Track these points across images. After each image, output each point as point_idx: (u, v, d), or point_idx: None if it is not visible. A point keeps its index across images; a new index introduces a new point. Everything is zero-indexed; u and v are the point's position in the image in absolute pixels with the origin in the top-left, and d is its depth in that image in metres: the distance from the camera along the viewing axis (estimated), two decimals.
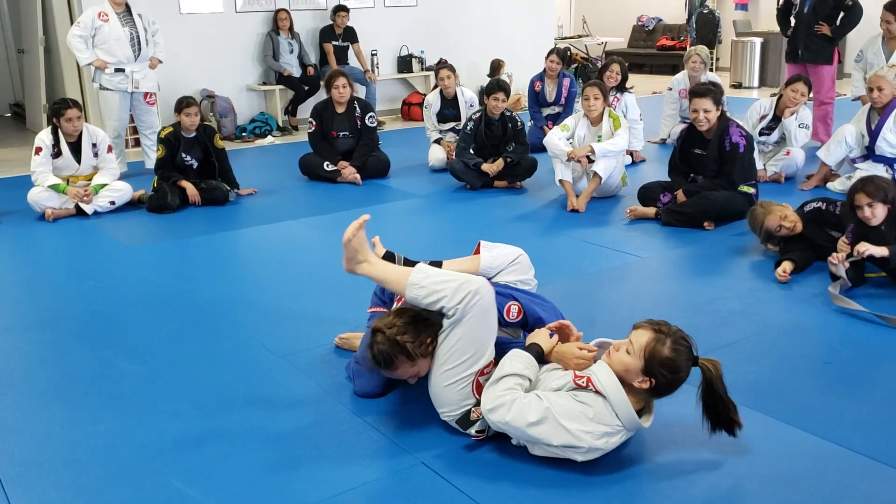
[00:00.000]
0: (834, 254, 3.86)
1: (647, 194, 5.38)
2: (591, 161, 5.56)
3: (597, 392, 2.40)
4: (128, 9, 6.72)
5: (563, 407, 2.39)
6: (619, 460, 2.50)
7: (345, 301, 3.76)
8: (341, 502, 2.36)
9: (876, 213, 3.78)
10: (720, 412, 2.40)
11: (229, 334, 3.60)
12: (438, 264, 3.02)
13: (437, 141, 7.11)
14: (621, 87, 7.05)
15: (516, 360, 2.54)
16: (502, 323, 2.75)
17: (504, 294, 2.77)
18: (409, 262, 3.02)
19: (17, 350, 3.51)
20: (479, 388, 2.57)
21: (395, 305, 2.96)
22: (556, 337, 2.67)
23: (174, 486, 2.44)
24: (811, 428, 2.69)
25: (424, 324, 2.60)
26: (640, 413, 2.46)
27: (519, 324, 2.83)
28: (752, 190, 5.13)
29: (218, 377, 3.17)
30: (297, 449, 2.64)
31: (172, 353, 3.42)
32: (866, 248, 3.71)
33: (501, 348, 2.69)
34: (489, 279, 2.95)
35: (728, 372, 3.07)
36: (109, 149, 5.93)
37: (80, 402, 2.99)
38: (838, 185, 5.79)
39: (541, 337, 2.66)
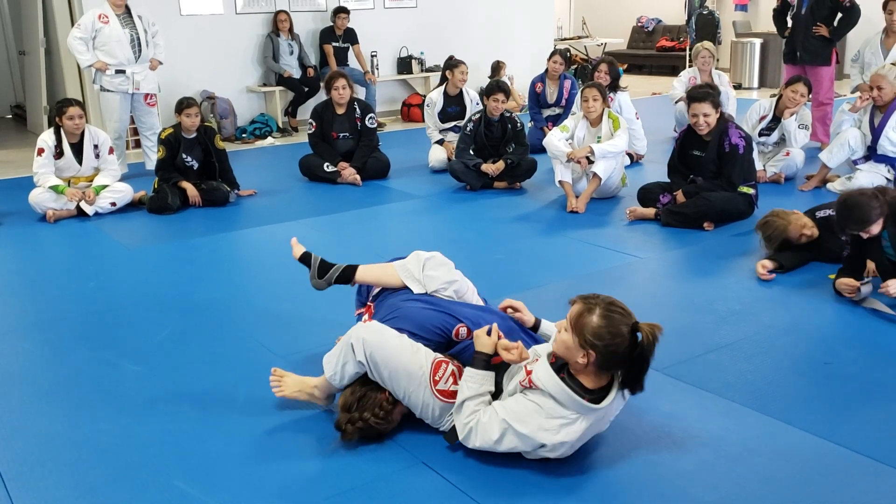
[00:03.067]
0: (846, 286, 3.78)
1: (647, 195, 5.39)
2: (590, 162, 5.57)
3: (538, 388, 2.40)
4: (128, 10, 6.73)
5: (516, 412, 2.41)
6: (616, 459, 2.51)
7: (344, 302, 3.75)
8: (343, 501, 2.37)
9: (873, 231, 3.76)
10: (639, 373, 2.32)
11: (230, 335, 3.61)
12: (353, 269, 3.00)
13: (439, 142, 7.11)
14: (614, 87, 7.06)
15: (470, 381, 2.54)
16: (448, 341, 2.74)
17: (454, 315, 2.75)
18: (326, 264, 3.02)
19: (19, 351, 3.52)
20: (445, 394, 2.60)
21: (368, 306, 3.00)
22: (494, 334, 2.59)
23: (175, 486, 2.45)
24: (811, 428, 2.70)
25: (371, 387, 2.64)
26: (604, 392, 2.40)
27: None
28: (751, 191, 5.14)
29: (218, 377, 3.18)
30: (298, 448, 2.65)
31: (173, 353, 3.43)
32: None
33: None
34: (428, 293, 2.91)
35: (727, 372, 3.10)
36: (111, 150, 5.95)
37: (82, 403, 3.00)
38: (838, 186, 5.79)
39: (481, 341, 2.59)
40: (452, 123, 7.24)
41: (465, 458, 2.55)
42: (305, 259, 3.05)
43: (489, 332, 2.60)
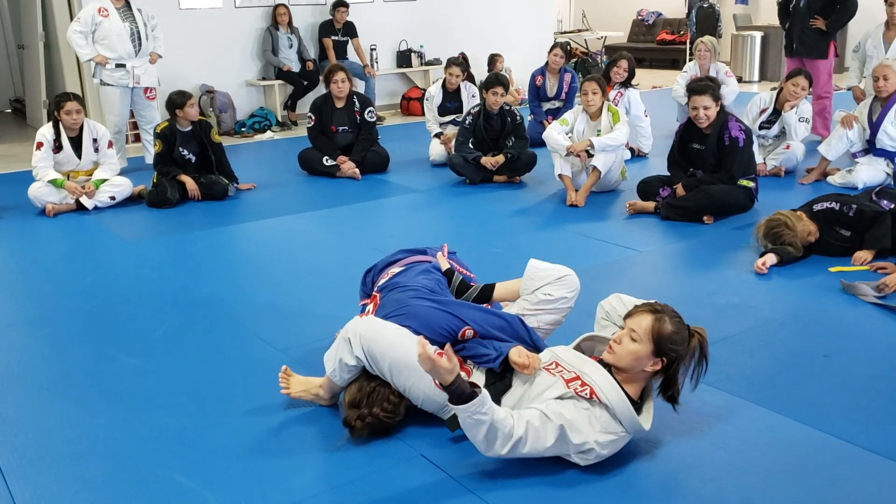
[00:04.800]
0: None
1: (647, 188, 5.38)
2: (590, 155, 5.57)
3: (601, 402, 2.38)
4: (127, 4, 6.72)
5: (569, 421, 2.37)
6: (618, 454, 2.50)
7: (344, 296, 3.76)
8: (341, 494, 2.37)
9: None
10: (696, 376, 2.45)
11: (229, 329, 3.61)
12: (490, 288, 3.02)
13: (438, 135, 7.10)
14: (626, 83, 7.03)
15: (476, 414, 2.30)
16: (455, 339, 2.74)
17: (461, 318, 2.74)
18: (465, 284, 3.03)
19: (18, 345, 3.52)
20: None
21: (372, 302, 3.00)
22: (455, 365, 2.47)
23: (175, 480, 2.45)
24: (810, 421, 2.70)
25: (378, 382, 2.64)
26: (640, 404, 2.46)
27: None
28: (751, 184, 5.13)
29: (217, 371, 3.18)
30: (296, 441, 2.66)
31: (172, 347, 3.43)
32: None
33: (476, 358, 2.70)
34: (532, 291, 2.91)
35: (727, 365, 3.10)
36: (110, 144, 5.96)
37: (81, 397, 3.00)
38: (838, 179, 5.80)
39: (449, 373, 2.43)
40: (451, 117, 7.23)
41: (464, 452, 2.54)
42: (449, 274, 3.08)
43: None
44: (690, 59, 7.86)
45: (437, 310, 2.74)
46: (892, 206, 4.24)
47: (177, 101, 5.86)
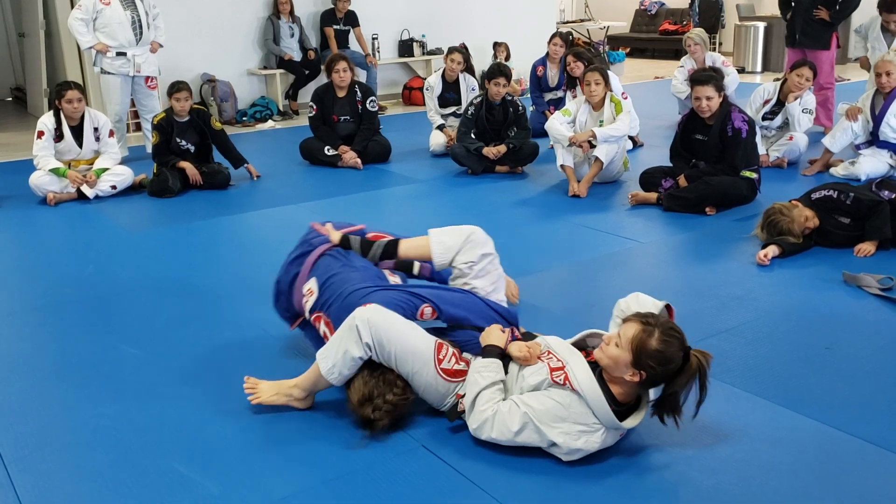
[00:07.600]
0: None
1: (649, 179, 5.37)
2: (592, 146, 5.55)
3: (573, 389, 2.38)
4: None
5: (539, 411, 2.39)
6: (618, 447, 2.50)
7: None
8: (343, 484, 2.37)
9: None
10: (696, 402, 2.35)
11: (230, 318, 3.61)
12: (395, 243, 3.00)
13: (440, 127, 7.07)
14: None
15: (484, 371, 2.54)
16: (416, 321, 2.72)
17: (418, 296, 2.73)
18: (367, 243, 3.02)
19: (20, 334, 3.52)
20: (449, 373, 2.60)
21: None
22: (507, 331, 2.67)
23: (176, 469, 2.45)
24: (812, 413, 2.69)
25: (381, 371, 2.62)
26: (631, 408, 2.44)
27: (439, 320, 2.79)
28: (754, 175, 5.12)
29: (219, 361, 3.18)
30: (297, 431, 2.65)
31: (174, 337, 3.43)
32: None
33: (468, 345, 2.71)
34: (449, 264, 2.92)
35: (729, 357, 3.10)
36: (111, 133, 5.95)
37: (82, 386, 3.00)
38: (841, 171, 5.78)
39: (493, 335, 2.64)
40: (452, 109, 7.20)
41: (464, 442, 2.55)
42: (345, 243, 3.04)
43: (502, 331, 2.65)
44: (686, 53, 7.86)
45: (392, 294, 2.73)
46: (893, 196, 4.23)
47: (168, 90, 5.86)
